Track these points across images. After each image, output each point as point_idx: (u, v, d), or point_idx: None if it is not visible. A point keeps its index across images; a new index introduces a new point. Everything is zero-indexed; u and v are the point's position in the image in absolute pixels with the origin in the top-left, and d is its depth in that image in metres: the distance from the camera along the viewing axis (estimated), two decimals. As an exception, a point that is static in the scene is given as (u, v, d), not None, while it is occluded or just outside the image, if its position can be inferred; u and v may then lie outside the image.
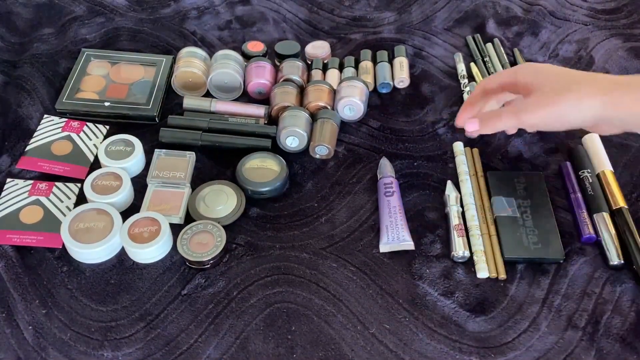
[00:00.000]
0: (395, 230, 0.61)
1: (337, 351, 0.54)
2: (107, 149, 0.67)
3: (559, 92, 0.54)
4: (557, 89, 0.55)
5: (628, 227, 0.61)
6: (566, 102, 0.54)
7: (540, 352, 0.54)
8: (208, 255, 0.58)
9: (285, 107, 0.70)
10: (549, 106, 0.55)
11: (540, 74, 0.57)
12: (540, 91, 0.55)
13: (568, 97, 0.54)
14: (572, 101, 0.54)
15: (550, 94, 0.55)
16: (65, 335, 0.54)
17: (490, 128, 0.59)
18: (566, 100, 0.54)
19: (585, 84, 0.54)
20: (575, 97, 0.54)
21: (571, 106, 0.54)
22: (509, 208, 0.63)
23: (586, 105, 0.54)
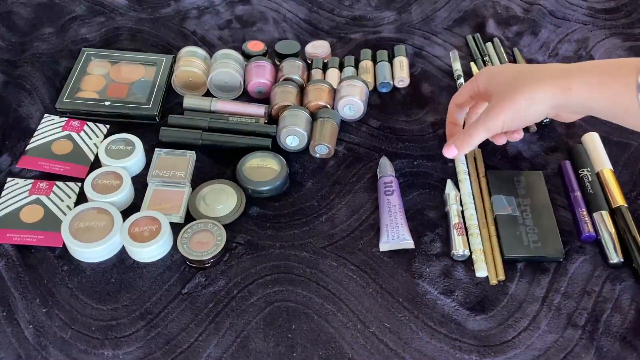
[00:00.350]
0: (395, 229, 0.61)
1: (337, 350, 0.54)
2: (108, 148, 0.67)
3: (511, 93, 0.57)
4: (509, 89, 0.57)
5: (627, 225, 0.61)
6: (520, 100, 0.56)
7: (540, 350, 0.54)
8: (208, 254, 0.58)
9: (286, 107, 0.70)
10: (507, 108, 0.57)
11: (494, 79, 0.60)
12: (496, 96, 0.58)
13: (521, 95, 0.56)
14: (525, 98, 0.56)
15: (504, 95, 0.57)
16: (65, 334, 0.54)
17: (467, 147, 0.61)
18: (520, 99, 0.56)
19: (535, 78, 0.56)
20: (527, 93, 0.56)
21: (526, 102, 0.56)
22: (509, 207, 0.63)
23: (539, 99, 0.56)
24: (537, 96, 0.56)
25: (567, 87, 0.54)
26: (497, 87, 0.59)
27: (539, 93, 0.56)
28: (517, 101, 0.56)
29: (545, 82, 0.56)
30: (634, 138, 0.71)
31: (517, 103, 0.57)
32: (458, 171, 0.67)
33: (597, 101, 0.54)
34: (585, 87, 0.54)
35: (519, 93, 0.56)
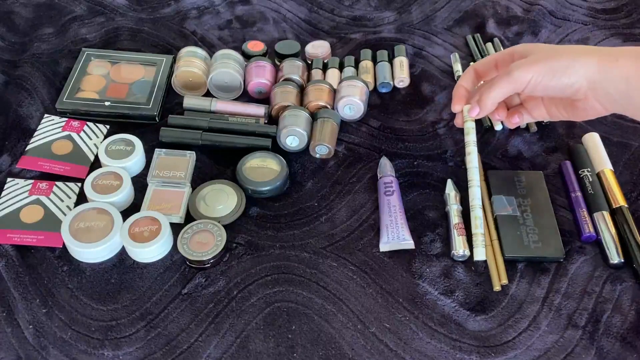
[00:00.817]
0: (395, 229, 0.61)
1: (337, 350, 0.54)
2: (108, 149, 0.67)
3: (552, 51, 0.55)
4: (552, 51, 0.55)
5: (628, 225, 0.61)
6: (561, 58, 0.54)
7: (541, 351, 0.54)
8: (208, 255, 0.58)
9: (286, 107, 0.70)
10: (542, 62, 0.54)
11: (537, 46, 0.57)
12: (535, 53, 0.56)
13: (564, 54, 0.54)
14: (567, 58, 0.54)
15: (544, 53, 0.55)
16: (65, 334, 0.54)
17: (489, 102, 0.58)
18: (561, 57, 0.54)
19: (581, 49, 0.55)
20: (571, 54, 0.54)
21: (566, 63, 0.54)
22: (509, 207, 0.63)
23: (582, 63, 0.54)
24: (580, 59, 0.53)
25: (614, 59, 0.53)
26: (537, 48, 0.56)
27: (582, 57, 0.53)
28: (557, 59, 0.54)
29: (592, 51, 0.54)
30: (634, 138, 0.71)
31: (556, 61, 0.54)
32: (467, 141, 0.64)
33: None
34: (632, 60, 0.52)
35: (561, 52, 0.54)
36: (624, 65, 0.52)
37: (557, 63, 0.54)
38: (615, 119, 0.73)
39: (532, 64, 0.55)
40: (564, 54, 0.55)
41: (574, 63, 0.54)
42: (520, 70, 0.55)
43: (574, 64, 0.54)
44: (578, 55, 0.54)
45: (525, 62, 0.55)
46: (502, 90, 0.57)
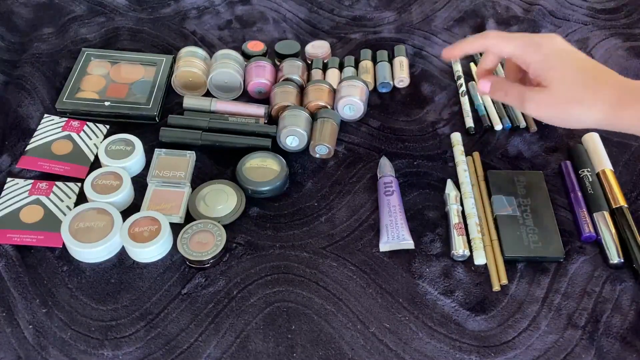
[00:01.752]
0: (395, 229, 0.61)
1: (337, 350, 0.54)
2: (108, 149, 0.67)
3: (570, 99, 0.54)
4: (569, 95, 0.55)
5: (628, 225, 0.61)
6: (575, 109, 0.55)
7: (540, 351, 0.54)
8: (208, 255, 0.58)
9: (286, 107, 0.70)
10: (557, 108, 0.55)
11: (555, 72, 0.55)
12: (551, 91, 0.55)
13: (578, 106, 0.54)
14: (581, 110, 0.54)
15: (561, 98, 0.55)
16: (65, 334, 0.54)
17: (496, 97, 0.60)
18: (575, 109, 0.54)
19: (598, 91, 0.54)
20: (585, 106, 0.54)
21: (578, 114, 0.55)
22: (509, 207, 0.63)
23: (592, 118, 0.54)
24: (591, 113, 0.54)
25: (622, 115, 0.53)
26: (555, 84, 0.55)
27: (594, 112, 0.54)
28: (571, 110, 0.55)
29: (605, 102, 0.54)
30: (634, 138, 0.71)
31: (569, 112, 0.55)
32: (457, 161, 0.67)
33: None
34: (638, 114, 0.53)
35: (575, 104, 0.54)
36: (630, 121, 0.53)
37: (569, 114, 0.55)
38: (615, 119, 0.73)
39: (547, 107, 0.56)
40: (578, 102, 0.54)
41: (585, 116, 0.54)
42: (532, 108, 0.56)
43: (585, 116, 0.54)
44: (591, 107, 0.54)
45: (540, 103, 0.56)
46: (510, 104, 0.59)
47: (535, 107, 0.56)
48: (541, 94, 0.56)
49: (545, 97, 0.55)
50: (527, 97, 0.56)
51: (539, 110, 0.56)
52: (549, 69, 0.56)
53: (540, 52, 0.56)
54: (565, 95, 0.55)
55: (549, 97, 0.55)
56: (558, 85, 0.55)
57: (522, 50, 0.57)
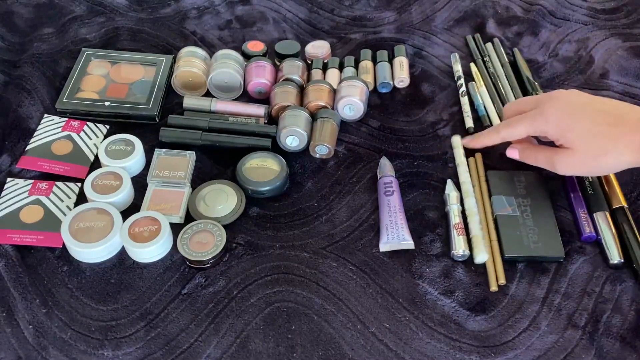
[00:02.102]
0: (395, 229, 0.61)
1: (337, 350, 0.54)
2: (107, 149, 0.67)
3: (595, 155, 0.56)
4: (593, 151, 0.56)
5: (629, 225, 0.61)
6: (603, 161, 0.56)
7: (540, 351, 0.54)
8: (208, 255, 0.58)
9: (285, 107, 0.70)
10: (586, 165, 0.58)
11: (572, 133, 0.57)
12: (575, 152, 0.57)
13: (606, 158, 0.56)
14: (609, 160, 0.56)
15: (587, 155, 0.57)
16: (65, 334, 0.54)
17: (527, 161, 0.63)
18: (603, 161, 0.56)
19: (620, 139, 0.55)
20: (612, 156, 0.56)
21: (607, 164, 0.57)
22: (509, 207, 0.63)
23: (623, 163, 0.56)
24: (620, 161, 0.56)
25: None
26: (578, 146, 0.57)
27: (623, 159, 0.55)
28: (600, 165, 0.57)
29: (632, 149, 0.55)
30: (634, 138, 0.71)
31: (598, 167, 0.58)
32: (458, 162, 0.67)
33: None
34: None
35: (603, 159, 0.56)
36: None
37: (599, 168, 0.58)
38: (615, 119, 0.73)
39: (577, 168, 0.59)
40: (605, 156, 0.56)
41: (615, 165, 0.56)
42: (563, 169, 0.59)
43: (614, 166, 0.56)
44: (619, 157, 0.55)
45: (569, 165, 0.58)
46: (540, 165, 0.62)
47: (566, 168, 0.59)
48: (567, 156, 0.58)
49: (572, 159, 0.58)
50: (556, 161, 0.59)
51: (570, 170, 0.59)
52: (564, 132, 0.57)
53: (549, 121, 0.58)
54: (589, 153, 0.57)
55: (576, 158, 0.57)
56: (579, 145, 0.57)
57: (533, 128, 0.60)
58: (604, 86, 0.78)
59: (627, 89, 0.77)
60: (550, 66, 0.81)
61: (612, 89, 0.77)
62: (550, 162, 0.60)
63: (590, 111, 0.57)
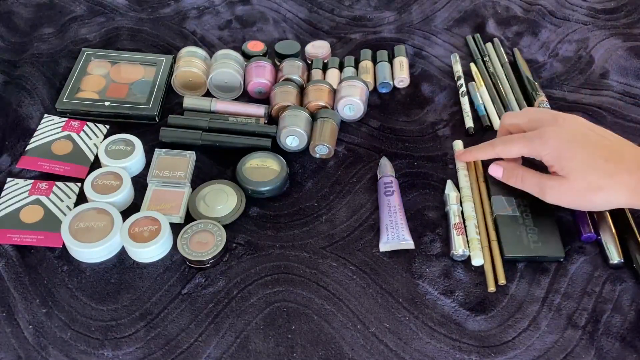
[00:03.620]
0: (395, 229, 0.61)
1: (337, 350, 0.54)
2: (108, 149, 0.67)
3: (589, 188, 0.55)
4: (587, 184, 0.55)
5: (629, 225, 0.61)
6: (596, 197, 0.55)
7: (540, 351, 0.54)
8: (208, 255, 0.58)
9: (286, 107, 0.70)
10: (578, 197, 0.56)
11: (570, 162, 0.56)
12: (569, 181, 0.56)
13: (600, 193, 0.55)
14: (603, 197, 0.55)
15: (580, 187, 0.55)
16: (65, 334, 0.54)
17: (510, 183, 0.61)
18: (597, 196, 0.55)
19: (616, 176, 0.54)
20: (606, 193, 0.55)
21: (600, 200, 0.56)
22: (509, 207, 0.63)
23: (615, 200, 0.55)
24: (612, 199, 0.55)
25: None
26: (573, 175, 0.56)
27: (615, 198, 0.55)
28: (592, 199, 0.56)
29: (625, 188, 0.54)
30: (634, 139, 0.71)
31: (591, 201, 0.56)
32: (458, 167, 0.67)
33: None
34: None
35: (596, 194, 0.55)
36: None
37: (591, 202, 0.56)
38: (616, 119, 0.73)
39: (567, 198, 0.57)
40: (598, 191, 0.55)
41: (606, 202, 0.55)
42: (553, 197, 0.57)
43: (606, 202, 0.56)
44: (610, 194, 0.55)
45: (561, 194, 0.57)
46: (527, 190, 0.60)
47: (557, 197, 0.57)
48: (560, 185, 0.56)
49: (565, 188, 0.56)
50: (547, 188, 0.57)
51: (560, 200, 0.57)
52: (562, 160, 0.56)
53: (547, 144, 0.57)
54: (583, 185, 0.55)
55: (569, 187, 0.56)
56: (575, 175, 0.55)
57: (529, 149, 0.58)
58: (604, 86, 0.78)
59: (627, 89, 0.77)
60: (550, 66, 0.81)
61: (612, 89, 0.77)
62: (540, 188, 0.58)
63: (589, 143, 0.56)
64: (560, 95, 0.77)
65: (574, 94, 0.77)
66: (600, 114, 0.74)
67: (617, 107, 0.75)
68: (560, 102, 0.76)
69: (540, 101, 0.73)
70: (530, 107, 0.69)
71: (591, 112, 0.74)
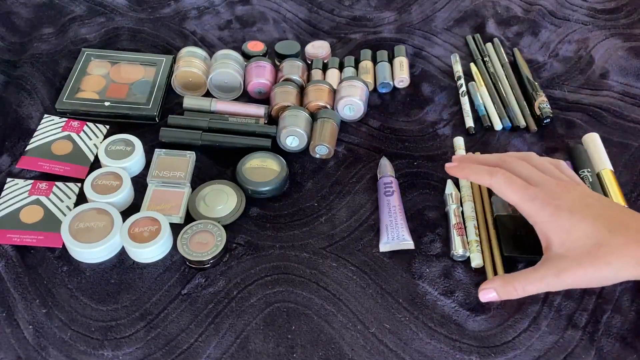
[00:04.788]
0: (395, 229, 0.61)
1: (337, 350, 0.54)
2: (107, 149, 0.67)
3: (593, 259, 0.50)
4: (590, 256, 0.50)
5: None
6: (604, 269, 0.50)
7: (540, 351, 0.54)
8: (208, 255, 0.58)
9: (285, 107, 0.70)
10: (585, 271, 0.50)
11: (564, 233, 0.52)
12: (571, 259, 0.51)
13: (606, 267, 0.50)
14: (610, 271, 0.50)
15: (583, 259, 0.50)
16: (65, 334, 0.54)
17: (512, 297, 0.55)
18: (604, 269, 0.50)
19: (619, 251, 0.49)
20: (613, 268, 0.50)
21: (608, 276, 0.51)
22: (509, 207, 0.63)
23: (623, 276, 0.51)
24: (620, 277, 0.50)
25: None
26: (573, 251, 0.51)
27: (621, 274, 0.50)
28: (601, 269, 0.50)
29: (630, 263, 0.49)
30: (634, 139, 0.71)
31: (600, 271, 0.50)
32: None
33: None
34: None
35: (601, 260, 0.50)
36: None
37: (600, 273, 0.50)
38: (615, 119, 0.73)
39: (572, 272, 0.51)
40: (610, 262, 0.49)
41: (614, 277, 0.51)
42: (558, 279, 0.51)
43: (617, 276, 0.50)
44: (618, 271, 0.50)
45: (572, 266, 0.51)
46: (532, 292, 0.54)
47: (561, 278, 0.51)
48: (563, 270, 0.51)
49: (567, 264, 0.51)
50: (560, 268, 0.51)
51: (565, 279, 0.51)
52: (558, 231, 0.52)
53: (546, 210, 0.53)
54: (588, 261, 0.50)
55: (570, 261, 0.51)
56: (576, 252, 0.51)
57: (527, 205, 0.54)
58: (604, 86, 0.78)
59: (627, 89, 0.77)
60: (550, 66, 0.81)
61: (612, 89, 0.77)
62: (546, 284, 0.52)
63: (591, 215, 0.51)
64: (560, 96, 0.76)
65: (574, 94, 0.77)
66: (600, 114, 0.74)
67: (617, 107, 0.75)
68: (560, 102, 0.76)
69: (541, 101, 0.73)
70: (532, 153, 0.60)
71: (591, 112, 0.74)
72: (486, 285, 0.56)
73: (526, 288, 0.53)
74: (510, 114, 0.73)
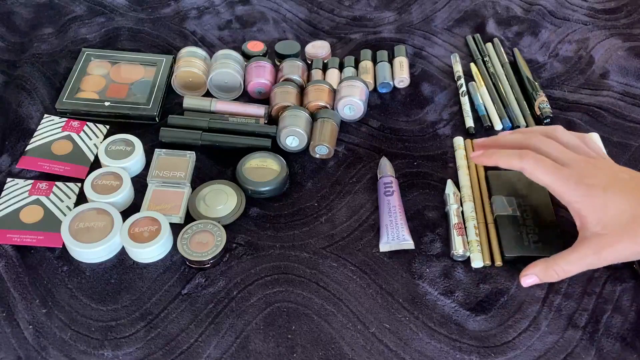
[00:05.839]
0: (395, 229, 0.61)
1: (337, 350, 0.54)
2: (108, 149, 0.67)
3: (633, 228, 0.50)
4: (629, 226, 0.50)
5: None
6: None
7: (541, 351, 0.54)
8: (208, 255, 0.58)
9: (285, 107, 0.70)
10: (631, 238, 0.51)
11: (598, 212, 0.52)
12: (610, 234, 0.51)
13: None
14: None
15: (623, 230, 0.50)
16: (65, 334, 0.54)
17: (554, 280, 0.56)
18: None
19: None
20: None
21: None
22: (509, 207, 0.63)
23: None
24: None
25: None
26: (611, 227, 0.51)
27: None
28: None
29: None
30: (634, 139, 0.71)
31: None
32: (459, 165, 0.67)
33: None
34: None
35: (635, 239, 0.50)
36: None
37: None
38: (616, 119, 0.73)
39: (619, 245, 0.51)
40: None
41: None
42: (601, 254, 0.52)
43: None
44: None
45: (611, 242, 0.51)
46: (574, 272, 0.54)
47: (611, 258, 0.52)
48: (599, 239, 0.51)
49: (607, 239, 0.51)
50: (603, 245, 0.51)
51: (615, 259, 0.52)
52: (593, 210, 0.52)
53: (579, 190, 0.52)
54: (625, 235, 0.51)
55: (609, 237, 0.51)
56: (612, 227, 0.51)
57: (560, 186, 0.53)
58: (604, 86, 0.78)
59: (627, 89, 0.77)
60: (550, 66, 0.81)
61: (612, 89, 0.77)
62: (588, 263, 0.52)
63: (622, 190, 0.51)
64: (560, 96, 0.77)
65: (574, 94, 0.77)
66: (600, 114, 0.74)
67: (617, 107, 0.75)
68: (560, 102, 0.76)
69: (541, 101, 0.73)
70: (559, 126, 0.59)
71: (591, 112, 0.74)
72: (527, 271, 0.56)
73: (567, 269, 0.54)
74: (511, 114, 0.73)
